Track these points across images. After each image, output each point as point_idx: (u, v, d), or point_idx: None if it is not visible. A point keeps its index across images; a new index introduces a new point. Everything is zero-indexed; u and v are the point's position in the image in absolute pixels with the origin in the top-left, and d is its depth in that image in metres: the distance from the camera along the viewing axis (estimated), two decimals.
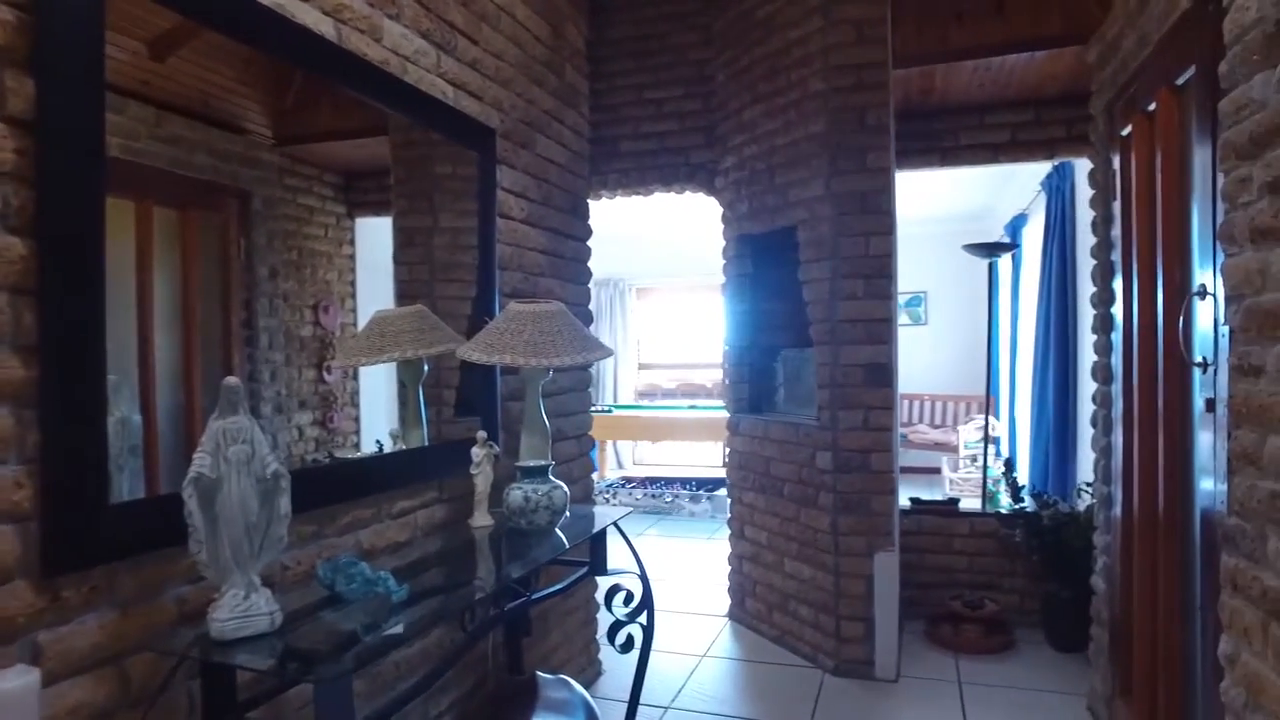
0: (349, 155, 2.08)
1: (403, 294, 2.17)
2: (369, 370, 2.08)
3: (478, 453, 2.07)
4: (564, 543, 1.99)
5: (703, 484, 6.64)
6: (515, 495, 2.01)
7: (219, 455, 1.23)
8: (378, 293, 2.11)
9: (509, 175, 2.53)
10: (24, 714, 1.05)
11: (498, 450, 2.12)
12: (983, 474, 4.44)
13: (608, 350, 2.15)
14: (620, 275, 8.80)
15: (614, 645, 2.23)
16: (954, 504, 3.89)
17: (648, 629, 2.24)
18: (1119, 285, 2.41)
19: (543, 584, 2.30)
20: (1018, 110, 3.64)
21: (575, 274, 3.06)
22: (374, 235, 2.12)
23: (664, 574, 4.52)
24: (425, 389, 2.13)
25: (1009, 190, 5.78)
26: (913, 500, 3.86)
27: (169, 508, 1.26)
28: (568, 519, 2.11)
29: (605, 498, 6.38)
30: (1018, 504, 3.71)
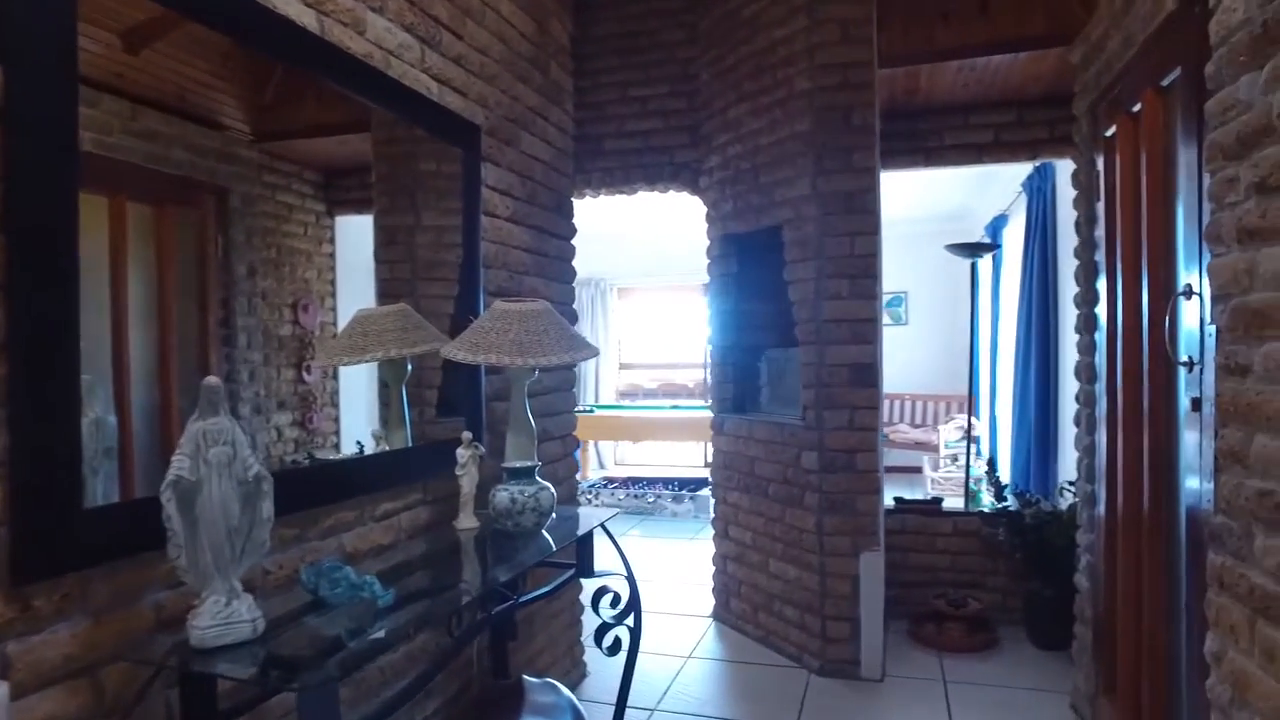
0: (329, 152, 2.04)
1: (384, 293, 2.14)
2: (349, 370, 2.04)
3: (463, 454, 2.03)
4: (551, 545, 1.97)
5: (685, 484, 6.64)
6: (502, 497, 1.98)
7: (199, 457, 1.19)
8: (358, 292, 2.07)
9: (494, 173, 2.50)
10: None
11: (483, 451, 2.09)
12: (965, 473, 4.47)
13: (594, 349, 2.13)
14: (601, 275, 8.78)
15: (601, 648, 2.21)
16: (937, 503, 3.91)
17: (635, 631, 2.22)
18: (1103, 285, 2.42)
19: (529, 586, 2.27)
20: (1001, 111, 3.66)
21: (560, 273, 3.03)
22: (354, 233, 2.08)
23: (647, 574, 4.50)
24: (407, 389, 2.10)
25: (989, 191, 5.82)
26: (896, 500, 3.87)
27: (146, 512, 1.22)
28: (554, 520, 2.09)
29: (587, 498, 6.36)
30: (1001, 503, 3.74)
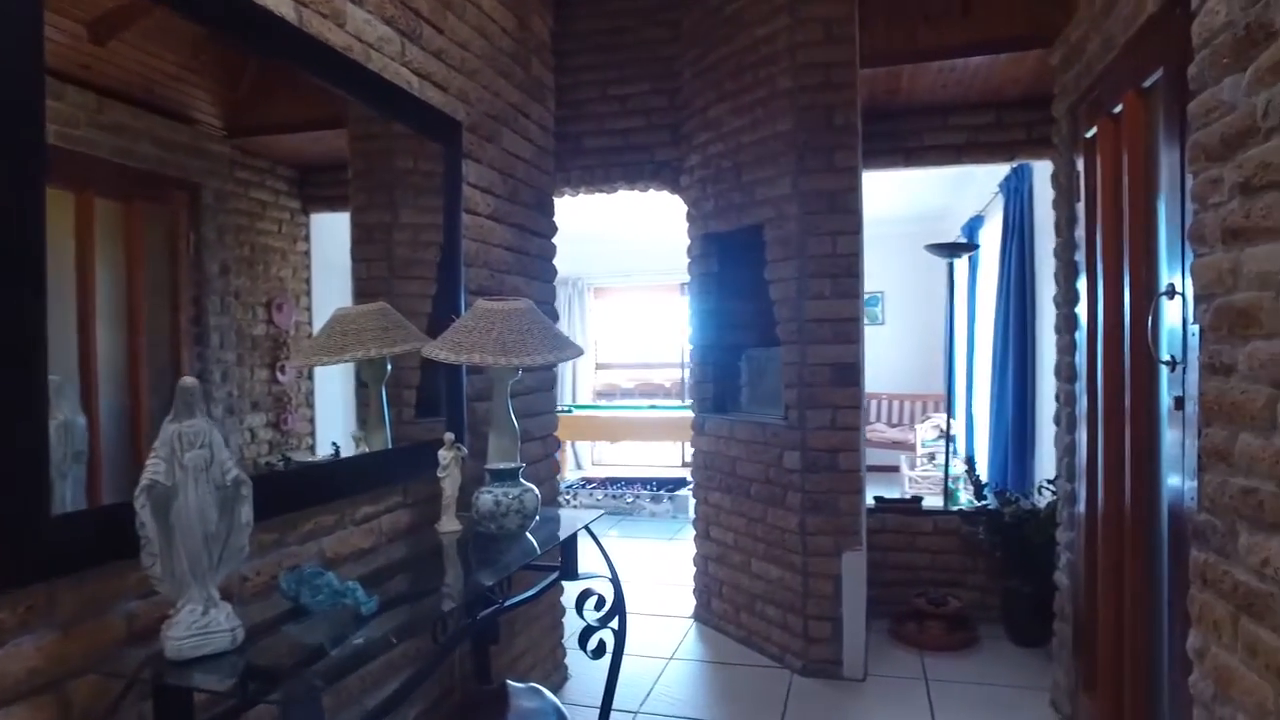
0: (304, 148, 2.00)
1: (360, 292, 2.09)
2: (324, 371, 1.99)
3: (445, 455, 1.99)
4: (536, 549, 1.94)
5: (663, 484, 6.62)
6: (485, 499, 1.95)
7: (174, 461, 1.14)
8: (334, 291, 2.03)
9: (475, 170, 2.46)
10: None
11: (465, 453, 2.06)
12: (944, 472, 4.50)
13: (579, 349, 2.10)
14: (578, 275, 8.75)
15: (586, 651, 2.18)
16: (917, 502, 3.93)
17: (619, 634, 2.20)
18: (1083, 285, 2.44)
19: (512, 590, 2.24)
20: (980, 112, 3.68)
21: (541, 271, 3.00)
22: (330, 231, 2.04)
23: (627, 575, 4.41)
24: (386, 389, 2.05)
25: (967, 191, 5.88)
26: (877, 499, 3.88)
27: (117, 518, 1.17)
28: (537, 523, 2.06)
29: (565, 499, 6.32)
30: (980, 501, 3.76)
